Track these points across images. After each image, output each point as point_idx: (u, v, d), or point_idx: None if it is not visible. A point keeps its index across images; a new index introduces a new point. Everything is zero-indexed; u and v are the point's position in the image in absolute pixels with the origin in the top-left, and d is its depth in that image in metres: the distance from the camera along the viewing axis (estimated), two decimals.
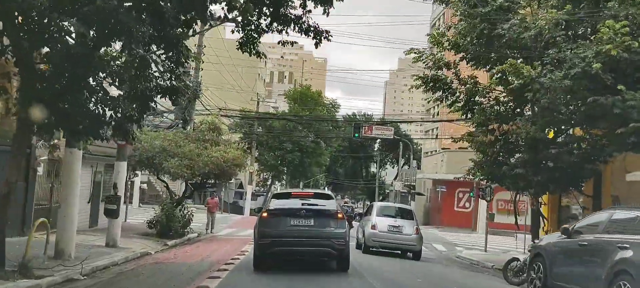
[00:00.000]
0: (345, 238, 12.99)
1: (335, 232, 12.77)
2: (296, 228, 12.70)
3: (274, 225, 12.83)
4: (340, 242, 12.75)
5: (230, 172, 21.85)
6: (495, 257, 23.52)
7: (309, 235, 12.62)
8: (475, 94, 20.91)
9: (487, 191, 26.22)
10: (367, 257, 19.21)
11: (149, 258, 15.83)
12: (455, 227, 42.92)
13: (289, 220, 12.79)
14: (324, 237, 12.65)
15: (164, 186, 23.24)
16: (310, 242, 12.60)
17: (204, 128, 23.63)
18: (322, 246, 12.70)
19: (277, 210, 13.21)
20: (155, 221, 21.24)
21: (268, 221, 13.00)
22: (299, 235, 12.59)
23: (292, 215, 12.83)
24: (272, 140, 51.66)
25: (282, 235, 12.62)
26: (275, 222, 12.92)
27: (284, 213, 12.98)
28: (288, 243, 12.56)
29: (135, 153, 21.61)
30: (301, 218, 12.77)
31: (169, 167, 20.77)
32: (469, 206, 44.69)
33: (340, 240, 12.77)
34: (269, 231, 12.76)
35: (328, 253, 12.98)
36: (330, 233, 12.72)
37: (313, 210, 12.97)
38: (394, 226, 20.73)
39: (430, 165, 51.81)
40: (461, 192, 45.16)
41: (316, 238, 12.62)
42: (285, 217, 12.88)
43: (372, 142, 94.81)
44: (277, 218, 12.97)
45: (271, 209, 13.44)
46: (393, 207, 24.88)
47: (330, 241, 12.67)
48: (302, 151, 52.07)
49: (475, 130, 21.75)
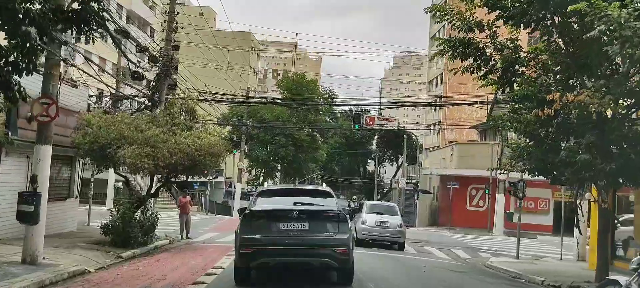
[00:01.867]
0: (348, 246, 10.32)
1: (336, 239, 10.16)
2: (287, 233, 10.11)
3: (260, 230, 10.15)
4: (341, 250, 10.13)
5: (206, 163, 17.19)
6: (534, 267, 19.11)
7: (302, 242, 10.05)
8: (515, 62, 16.34)
9: (519, 186, 21.65)
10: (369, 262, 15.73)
11: (79, 282, 11.20)
12: (467, 227, 38.40)
13: (278, 224, 10.16)
14: (322, 245, 10.08)
15: (124, 182, 18.60)
16: (305, 251, 10.06)
17: (176, 110, 18.98)
18: (320, 256, 10.11)
19: (263, 212, 10.45)
20: (111, 226, 16.67)
21: (252, 225, 10.26)
22: (291, 242, 10.03)
23: (282, 218, 10.21)
24: (263, 134, 46.86)
25: (269, 242, 10.00)
26: (260, 225, 10.21)
27: (272, 214, 10.33)
28: (277, 253, 10.01)
29: (84, 140, 17.00)
30: (293, 221, 10.15)
31: (123, 156, 16.14)
32: (483, 204, 40.17)
33: (341, 247, 10.15)
34: (253, 237, 10.05)
35: (327, 264, 10.31)
36: (329, 240, 10.13)
37: (308, 210, 10.36)
38: (381, 221, 23.36)
39: (436, 160, 47.25)
40: (474, 188, 40.64)
41: (312, 246, 10.06)
42: (273, 219, 10.24)
43: (370, 139, 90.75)
44: (263, 221, 10.28)
45: (256, 210, 10.56)
46: (380, 205, 27.47)
47: (329, 249, 10.09)
48: (297, 145, 47.29)
49: (514, 108, 17.22)
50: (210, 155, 17.16)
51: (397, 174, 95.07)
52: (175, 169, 17.29)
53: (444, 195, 45.30)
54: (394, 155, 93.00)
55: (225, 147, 18.65)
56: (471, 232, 36.60)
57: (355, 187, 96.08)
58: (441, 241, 28.16)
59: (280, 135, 46.41)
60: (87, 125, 17.30)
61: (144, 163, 16.16)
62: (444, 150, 46.01)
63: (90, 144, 16.94)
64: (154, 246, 18.00)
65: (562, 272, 17.67)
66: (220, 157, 17.85)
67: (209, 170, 20.25)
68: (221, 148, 17.65)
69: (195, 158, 16.80)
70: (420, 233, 35.66)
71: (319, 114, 48.29)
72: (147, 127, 17.11)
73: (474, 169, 39.28)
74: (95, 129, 17.04)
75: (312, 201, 10.89)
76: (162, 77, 21.08)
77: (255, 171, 50.35)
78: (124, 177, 18.51)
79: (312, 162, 51.04)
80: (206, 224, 30.10)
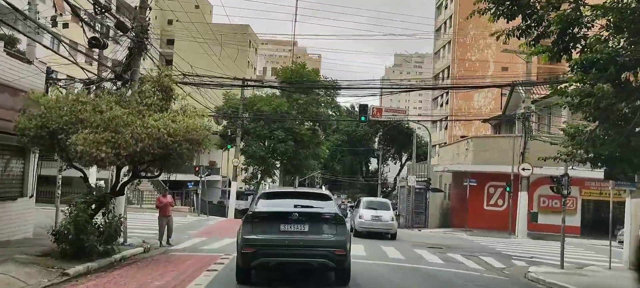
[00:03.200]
0: (346, 247, 10.81)
1: (334, 240, 10.63)
2: (287, 234, 10.60)
3: (260, 231, 10.67)
4: (339, 251, 10.60)
5: (182, 151, 13.55)
6: (586, 279, 15.78)
7: (302, 243, 10.52)
8: (575, 23, 12.72)
9: (564, 182, 18.01)
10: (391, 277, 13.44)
11: None
12: (484, 229, 34.82)
13: (279, 225, 10.68)
14: (320, 246, 10.54)
15: (83, 178, 14.93)
16: (304, 251, 10.52)
17: (147, 87, 15.34)
18: (318, 256, 10.57)
19: (264, 213, 10.94)
20: (62, 233, 13.10)
21: (253, 226, 10.78)
22: (290, 243, 10.50)
23: (282, 219, 10.69)
24: (261, 128, 43.18)
25: (269, 243, 10.53)
26: (261, 227, 10.73)
27: (273, 216, 10.81)
28: (277, 253, 10.51)
29: (29, 124, 13.40)
30: (293, 223, 10.63)
31: (74, 143, 12.52)
32: (503, 203, 36.55)
33: (339, 249, 10.61)
34: (254, 238, 10.59)
35: (325, 264, 10.75)
36: (327, 241, 10.60)
37: (307, 213, 10.82)
38: (375, 216, 26.68)
39: (448, 157, 43.60)
40: (493, 186, 37.03)
41: (310, 247, 10.52)
42: (274, 221, 10.74)
43: (372, 136, 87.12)
44: (264, 222, 10.78)
45: (257, 211, 11.04)
46: (375, 201, 30.18)
47: (327, 250, 10.56)
48: (297, 140, 43.61)
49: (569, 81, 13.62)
50: (187, 142, 13.52)
51: (402, 172, 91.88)
52: (142, 160, 13.65)
53: (457, 193, 41.67)
54: (398, 153, 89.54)
55: (208, 133, 14.98)
56: (489, 234, 33.02)
57: (356, 186, 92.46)
58: (463, 246, 24.55)
59: (279, 129, 42.74)
60: (34, 105, 13.70)
61: (101, 152, 12.55)
62: (458, 145, 42.38)
63: (38, 129, 13.34)
64: (121, 257, 14.43)
65: (624, 287, 14.18)
66: (202, 144, 14.20)
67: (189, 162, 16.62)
68: (202, 134, 14.00)
69: (168, 145, 13.17)
70: (435, 235, 32.05)
71: (321, 106, 44.49)
72: (108, 107, 13.49)
73: (491, 165, 35.70)
74: (45, 110, 13.44)
75: (311, 204, 11.19)
76: (135, 52, 17.45)
77: (253, 168, 46.56)
78: (82, 172, 14.85)
79: (314, 159, 47.26)
80: (195, 227, 26.52)
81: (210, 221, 32.25)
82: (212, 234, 23.24)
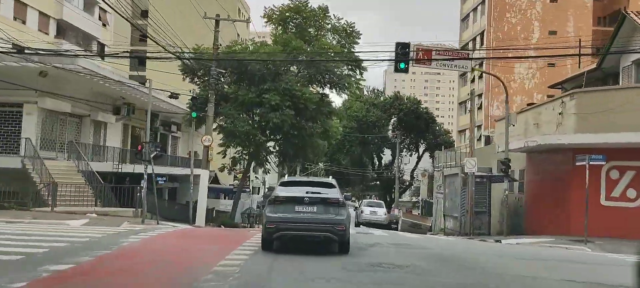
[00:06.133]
0: (345, 224, 13.54)
1: (336, 219, 13.44)
2: (300, 214, 13.41)
3: (281, 211, 13.49)
4: (340, 227, 13.41)
5: None
6: None
7: (311, 220, 13.36)
8: None
9: None
10: None
11: None
12: (606, 237, 21.13)
13: (294, 207, 13.51)
14: (326, 223, 13.36)
15: None
16: (313, 227, 13.35)
17: None
18: (324, 231, 13.39)
19: (282, 197, 13.77)
20: None
21: (275, 206, 13.63)
22: (303, 220, 13.35)
23: (297, 202, 13.55)
24: (246, 91, 29.14)
25: (287, 220, 13.37)
26: (281, 207, 13.55)
27: (290, 200, 13.65)
28: (292, 228, 13.37)
29: None
30: (305, 205, 13.49)
31: None
32: (635, 196, 22.78)
33: (340, 225, 13.41)
34: (276, 216, 13.46)
35: (329, 238, 13.56)
36: (331, 220, 13.43)
37: (316, 197, 13.62)
38: (372, 211, 42.36)
39: (519, 130, 29.50)
40: (616, 168, 23.22)
41: (318, 223, 13.34)
42: (290, 203, 13.57)
43: (385, 124, 73.41)
44: (283, 204, 13.61)
45: (278, 196, 13.86)
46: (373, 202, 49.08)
47: (331, 226, 13.35)
48: (299, 108, 29.45)
49: None
50: None
51: (418, 165, 78.13)
52: None
53: (537, 183, 27.87)
54: (414, 143, 75.90)
55: None
56: (620, 244, 19.27)
57: (368, 180, 78.57)
58: None
59: (272, 90, 28.62)
60: None
61: None
62: (537, 111, 28.39)
63: None
64: None
65: None
66: None
67: None
68: None
69: None
70: (531, 250, 18.30)
71: (330, 55, 29.96)
72: None
73: (614, 132, 22.06)
74: None
75: (319, 190, 13.99)
76: None
77: (235, 153, 31.99)
78: None
79: (322, 138, 32.91)
80: (79, 252, 12.36)
81: (151, 232, 18.17)
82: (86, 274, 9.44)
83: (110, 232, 17.34)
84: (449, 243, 20.18)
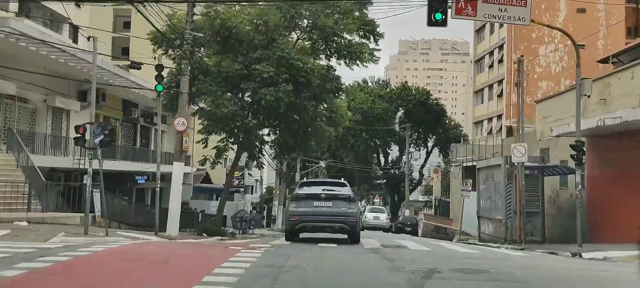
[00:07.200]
0: (356, 217, 16.89)
1: (348, 212, 16.58)
2: (318, 209, 16.50)
3: (302, 206, 16.77)
4: (352, 220, 16.62)
5: None
6: None
7: (328, 214, 16.47)
8: None
9: None
10: None
11: None
12: None
13: (313, 202, 16.63)
14: (340, 216, 16.47)
15: None
16: (329, 219, 16.49)
17: None
18: (338, 222, 16.56)
19: (303, 195, 17.08)
20: None
21: (297, 202, 16.93)
22: (320, 214, 16.49)
23: (315, 199, 16.64)
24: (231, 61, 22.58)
25: (307, 214, 16.59)
26: (303, 203, 16.81)
27: (309, 197, 16.84)
28: (311, 220, 16.65)
29: None
30: (322, 201, 16.56)
31: None
32: None
33: (352, 218, 16.62)
34: (298, 210, 16.72)
35: (342, 228, 16.76)
36: (344, 213, 16.53)
37: (331, 194, 16.76)
38: (375, 217, 47.62)
39: (566, 111, 23.06)
40: None
41: (333, 216, 16.43)
42: (310, 199, 16.75)
43: (392, 117, 67.19)
44: (303, 201, 16.84)
45: (300, 193, 17.22)
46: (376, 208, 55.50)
47: (344, 218, 16.46)
48: (299, 82, 22.77)
49: None
50: None
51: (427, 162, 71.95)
52: None
53: (609, 175, 21.58)
54: (423, 138, 69.70)
55: None
56: None
57: (372, 178, 72.18)
58: None
59: (264, 60, 22.05)
60: None
61: None
62: (606, 80, 21.98)
63: None
64: None
65: None
66: None
67: None
68: None
69: None
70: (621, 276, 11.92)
71: (341, 16, 23.42)
72: None
73: None
74: None
75: (333, 189, 17.44)
76: None
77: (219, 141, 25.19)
78: None
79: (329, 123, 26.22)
80: None
81: (81, 250, 11.70)
82: None
83: (21, 250, 10.99)
84: (535, 266, 13.03)
